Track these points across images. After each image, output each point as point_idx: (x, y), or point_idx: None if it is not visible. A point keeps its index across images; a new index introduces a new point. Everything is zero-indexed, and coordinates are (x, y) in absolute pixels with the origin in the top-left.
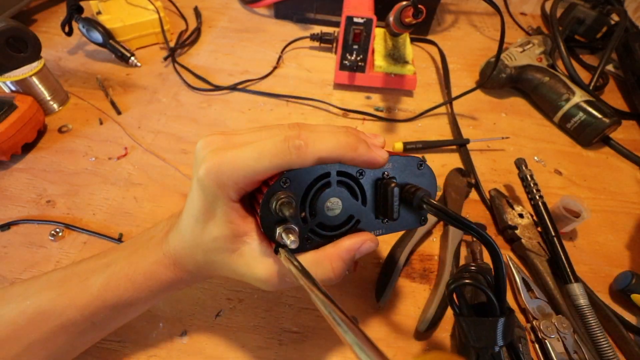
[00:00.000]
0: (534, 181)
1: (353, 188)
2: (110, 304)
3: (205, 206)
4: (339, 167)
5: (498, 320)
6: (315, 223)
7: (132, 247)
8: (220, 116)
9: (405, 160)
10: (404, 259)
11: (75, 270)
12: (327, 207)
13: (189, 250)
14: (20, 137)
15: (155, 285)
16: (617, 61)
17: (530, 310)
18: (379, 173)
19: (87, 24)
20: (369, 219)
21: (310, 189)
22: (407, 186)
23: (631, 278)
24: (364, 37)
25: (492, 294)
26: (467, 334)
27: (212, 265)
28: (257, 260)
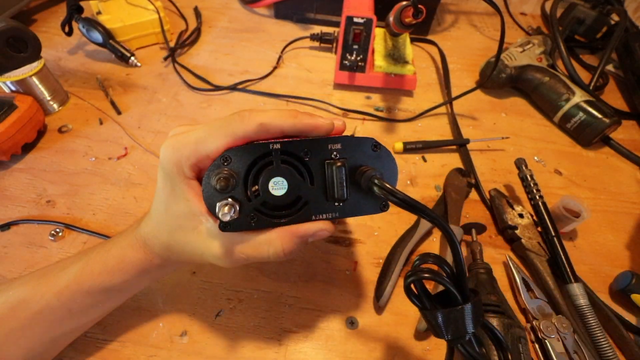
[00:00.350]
0: (534, 181)
1: (299, 168)
2: (86, 288)
3: (166, 186)
4: (282, 145)
5: (463, 307)
6: (260, 202)
7: (112, 239)
8: (220, 116)
9: (356, 140)
10: (404, 259)
11: (57, 264)
12: (271, 186)
13: (156, 232)
14: (20, 137)
15: (127, 267)
16: (617, 61)
17: (530, 310)
18: (327, 154)
19: (87, 24)
20: (319, 201)
21: (252, 167)
22: (361, 168)
23: (631, 278)
24: (364, 37)
25: (451, 283)
26: (434, 327)
27: (176, 246)
28: (212, 237)
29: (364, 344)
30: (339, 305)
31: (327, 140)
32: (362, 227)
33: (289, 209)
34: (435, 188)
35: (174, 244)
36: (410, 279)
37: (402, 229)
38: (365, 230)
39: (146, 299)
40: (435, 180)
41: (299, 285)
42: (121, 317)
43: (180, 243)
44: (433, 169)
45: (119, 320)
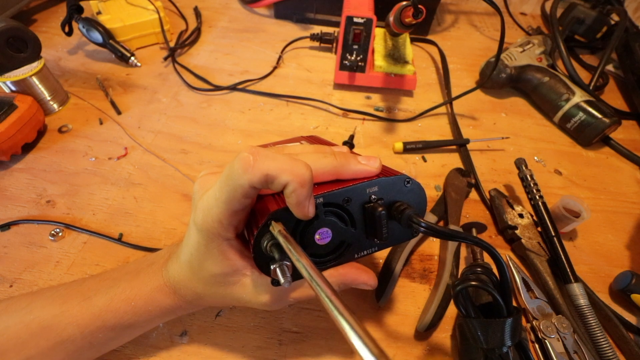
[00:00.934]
0: (534, 181)
1: (341, 215)
2: (110, 325)
3: (202, 247)
4: (323, 198)
5: (506, 320)
6: (308, 253)
7: (134, 271)
8: (220, 116)
9: (391, 180)
10: (404, 259)
11: (79, 289)
12: (317, 238)
13: (189, 283)
14: (20, 137)
15: (155, 310)
16: (617, 61)
17: (530, 310)
18: (366, 197)
19: (87, 24)
20: (360, 241)
21: (298, 224)
22: (396, 204)
23: (631, 278)
24: (364, 37)
25: (498, 294)
26: (474, 335)
27: (213, 296)
28: (259, 289)
29: None
30: None
31: (365, 185)
32: None
33: (333, 253)
34: (435, 188)
35: (210, 295)
36: (459, 287)
37: None
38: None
39: None
40: (435, 180)
41: None
42: None
43: (219, 295)
44: (433, 169)
45: None
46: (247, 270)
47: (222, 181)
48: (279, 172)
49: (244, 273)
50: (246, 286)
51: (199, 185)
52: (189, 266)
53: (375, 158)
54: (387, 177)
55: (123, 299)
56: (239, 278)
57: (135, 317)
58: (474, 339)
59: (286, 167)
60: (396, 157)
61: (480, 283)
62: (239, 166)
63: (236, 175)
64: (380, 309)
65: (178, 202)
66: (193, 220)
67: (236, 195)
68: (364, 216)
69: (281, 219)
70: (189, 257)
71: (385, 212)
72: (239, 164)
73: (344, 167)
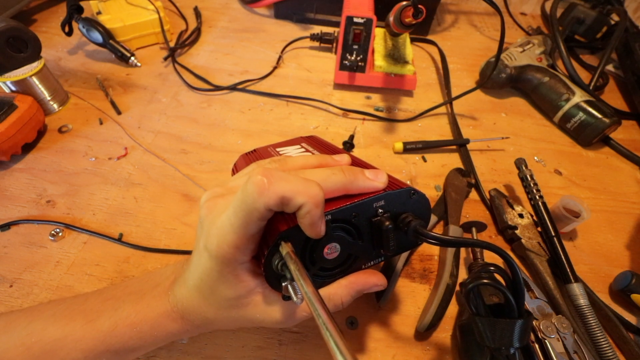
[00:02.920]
0: (534, 181)
1: (349, 230)
2: (114, 350)
3: (214, 272)
4: (332, 215)
5: (516, 322)
6: (316, 269)
7: (138, 292)
8: (220, 116)
9: (397, 193)
10: (404, 259)
11: (81, 309)
12: (326, 252)
13: (198, 309)
14: (20, 137)
15: (161, 335)
16: (617, 61)
17: (530, 310)
18: (373, 211)
19: (87, 24)
20: (367, 253)
21: (308, 242)
22: (402, 216)
23: (631, 278)
24: (364, 37)
25: (511, 295)
26: (482, 333)
27: (225, 320)
28: (271, 306)
29: (364, 344)
30: None
31: (372, 200)
32: None
33: (341, 266)
34: (435, 188)
35: (221, 319)
36: (471, 285)
37: None
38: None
39: None
40: (435, 180)
41: None
42: None
43: (232, 318)
44: (433, 169)
45: None
46: (259, 288)
47: (236, 206)
48: (294, 194)
49: (257, 291)
50: (258, 305)
51: (207, 210)
52: (199, 291)
53: (382, 173)
54: (393, 190)
55: (128, 324)
56: (252, 298)
57: (141, 341)
58: (481, 337)
59: (301, 189)
60: (396, 157)
61: (494, 282)
62: (254, 190)
63: (251, 199)
64: (380, 309)
65: (178, 202)
66: (204, 247)
67: (252, 218)
68: (371, 229)
69: (291, 238)
70: (199, 283)
71: (392, 227)
72: (253, 187)
73: (353, 184)
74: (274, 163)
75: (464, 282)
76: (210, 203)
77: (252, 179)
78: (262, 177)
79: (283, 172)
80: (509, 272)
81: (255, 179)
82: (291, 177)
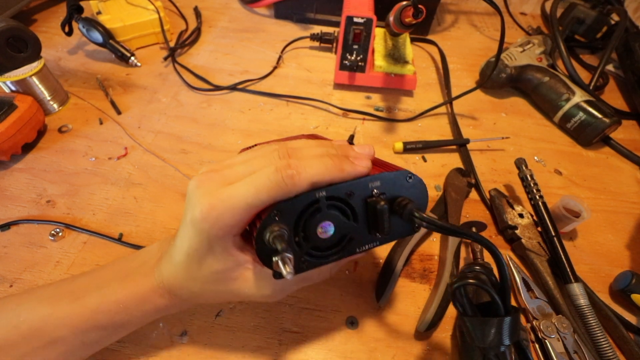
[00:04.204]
0: (534, 181)
1: (344, 209)
2: (102, 325)
3: (202, 246)
4: (327, 192)
5: (503, 319)
6: (309, 247)
7: (124, 271)
8: (220, 116)
9: (393, 176)
10: (404, 259)
11: (69, 288)
12: (320, 231)
13: (185, 283)
14: (20, 137)
15: (148, 309)
16: (617, 61)
17: (530, 310)
18: (369, 191)
19: (87, 24)
20: (362, 235)
21: (301, 217)
22: (398, 199)
23: (631, 278)
24: (364, 37)
25: (495, 293)
26: (472, 334)
27: (212, 293)
28: (261, 281)
29: (364, 344)
30: (339, 305)
31: (368, 180)
32: None
33: (335, 247)
34: (435, 188)
35: (209, 293)
36: (456, 284)
37: None
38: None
39: None
40: (435, 180)
41: None
42: None
43: (220, 291)
44: (433, 168)
45: None
46: (248, 264)
47: (260, 186)
48: (321, 177)
49: (246, 267)
50: (248, 280)
51: (197, 182)
52: (186, 266)
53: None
54: (389, 172)
55: (114, 300)
56: (241, 272)
57: (128, 316)
58: (471, 337)
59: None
60: (396, 157)
61: (478, 281)
62: (288, 181)
63: (286, 188)
64: (380, 309)
65: (178, 202)
66: (192, 221)
67: (273, 201)
68: (366, 210)
69: (284, 210)
70: (186, 258)
71: (387, 207)
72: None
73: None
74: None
75: (450, 282)
76: (202, 177)
77: (279, 167)
78: (289, 168)
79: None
80: (497, 267)
81: (288, 172)
82: (311, 161)
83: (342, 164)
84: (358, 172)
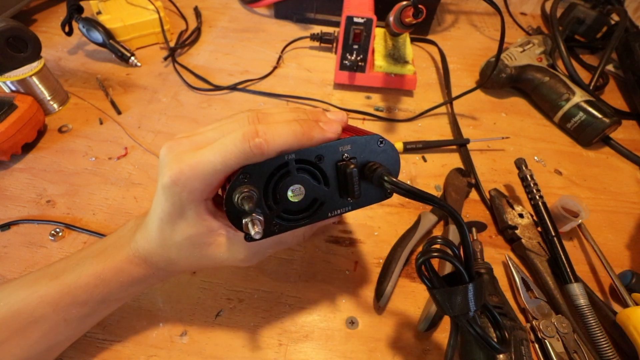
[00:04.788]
0: (534, 181)
1: (314, 173)
2: (82, 300)
3: (174, 210)
4: (296, 155)
5: (467, 286)
6: (280, 210)
7: (102, 247)
8: (220, 116)
9: (364, 140)
10: (404, 259)
11: (46, 271)
12: (290, 194)
13: (160, 249)
14: (20, 137)
15: (126, 280)
16: (617, 61)
17: (530, 310)
18: (339, 155)
19: (87, 24)
20: (333, 200)
21: (270, 180)
22: (369, 164)
23: (631, 277)
24: (364, 37)
25: (459, 261)
26: (441, 304)
27: (188, 259)
28: (235, 246)
29: (364, 344)
30: (339, 305)
31: (338, 144)
32: (362, 227)
33: (306, 211)
34: (435, 188)
35: (184, 259)
36: (421, 259)
37: (402, 229)
38: (365, 230)
39: (146, 299)
40: (435, 180)
41: (299, 285)
42: (121, 317)
43: (195, 257)
44: (433, 169)
45: (118, 320)
46: (221, 230)
47: (228, 152)
48: (289, 145)
49: (219, 233)
50: (221, 245)
51: (167, 149)
52: (160, 233)
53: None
54: (360, 136)
55: (91, 273)
56: (215, 238)
57: (107, 289)
58: (441, 308)
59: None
60: None
61: (441, 254)
62: (255, 149)
63: (248, 155)
64: (380, 309)
65: None
66: (163, 186)
67: (239, 166)
68: (337, 174)
69: (253, 173)
70: (159, 224)
71: (356, 170)
72: (255, 147)
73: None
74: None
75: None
76: (173, 142)
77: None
78: (260, 138)
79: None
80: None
81: (256, 143)
82: (279, 127)
83: (311, 131)
84: (327, 137)
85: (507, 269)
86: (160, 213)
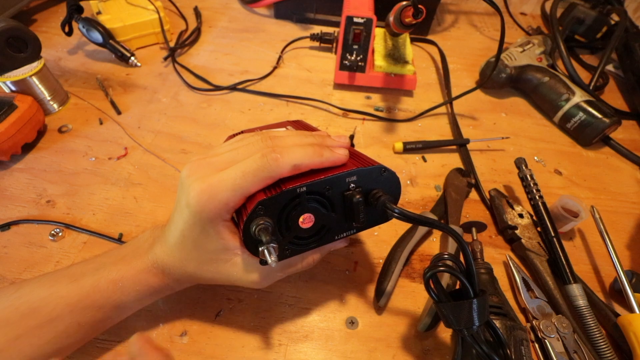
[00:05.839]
0: (534, 181)
1: (323, 202)
2: (98, 305)
3: (197, 227)
4: (307, 187)
5: (472, 301)
6: (291, 236)
7: (119, 255)
8: (220, 116)
9: (368, 171)
10: (404, 259)
11: (66, 273)
12: (301, 222)
13: (179, 263)
14: (20, 137)
15: (143, 290)
16: (617, 61)
17: (530, 310)
18: (346, 185)
19: (87, 24)
20: (340, 224)
21: (284, 211)
22: (373, 191)
23: (631, 277)
24: (364, 37)
25: (465, 278)
26: (447, 318)
27: (204, 274)
28: (250, 267)
29: (364, 344)
30: (339, 305)
31: (345, 175)
32: None
33: (315, 236)
34: (435, 188)
35: (201, 273)
36: (429, 273)
37: (402, 229)
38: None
39: None
40: (435, 180)
41: (299, 285)
42: None
43: (211, 272)
44: (433, 169)
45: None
46: (238, 250)
47: (247, 170)
48: (302, 160)
49: (235, 252)
50: (237, 265)
51: (188, 171)
52: (182, 246)
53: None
54: (365, 167)
55: (110, 280)
56: (231, 257)
57: (123, 296)
58: (447, 321)
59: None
60: (396, 157)
61: (448, 269)
62: (273, 163)
63: (270, 169)
64: (380, 309)
65: None
66: (187, 204)
67: (260, 184)
68: (344, 202)
69: (269, 207)
70: (181, 239)
71: (362, 200)
72: (272, 161)
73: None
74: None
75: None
76: (192, 165)
77: (263, 151)
78: (273, 152)
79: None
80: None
81: (271, 156)
82: (292, 144)
83: (321, 150)
84: (336, 158)
85: (507, 268)
86: (183, 229)
